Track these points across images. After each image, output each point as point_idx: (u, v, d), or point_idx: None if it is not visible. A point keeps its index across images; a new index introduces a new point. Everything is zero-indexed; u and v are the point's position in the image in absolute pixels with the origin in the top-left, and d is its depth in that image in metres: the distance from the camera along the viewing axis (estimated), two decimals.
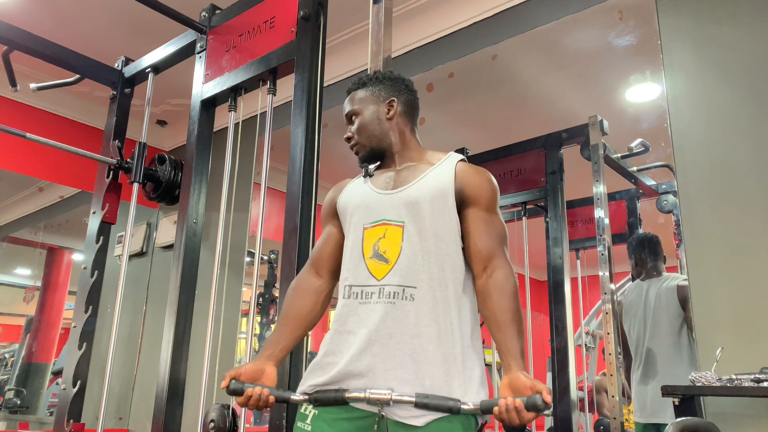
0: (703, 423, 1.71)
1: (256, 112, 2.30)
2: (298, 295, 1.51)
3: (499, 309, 1.32)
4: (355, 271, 1.41)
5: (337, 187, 1.61)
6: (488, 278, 1.36)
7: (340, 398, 1.31)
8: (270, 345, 1.43)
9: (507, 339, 1.29)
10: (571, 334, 2.78)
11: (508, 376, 1.25)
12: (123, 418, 4.11)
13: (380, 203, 1.45)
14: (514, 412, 1.17)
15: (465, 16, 2.89)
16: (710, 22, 2.14)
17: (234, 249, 2.34)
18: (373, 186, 1.50)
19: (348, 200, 1.52)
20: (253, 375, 1.36)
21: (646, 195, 3.00)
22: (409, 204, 1.41)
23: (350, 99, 1.59)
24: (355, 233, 1.45)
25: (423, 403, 1.24)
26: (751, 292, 1.89)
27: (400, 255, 1.37)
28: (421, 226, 1.39)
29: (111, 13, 3.35)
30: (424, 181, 1.45)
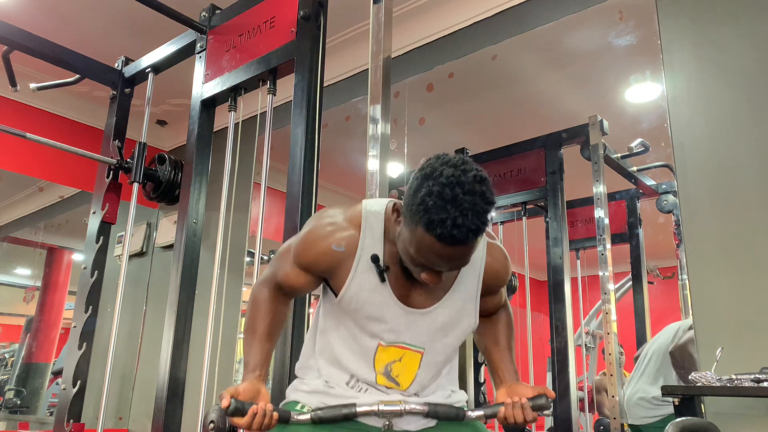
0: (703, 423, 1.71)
1: (256, 112, 2.31)
2: (272, 313, 1.35)
3: (503, 336, 1.42)
4: (362, 370, 1.29)
5: (332, 244, 1.26)
6: (495, 315, 1.45)
7: (350, 415, 1.24)
8: (257, 365, 1.29)
9: (506, 359, 1.39)
10: (571, 334, 2.78)
11: (506, 385, 1.35)
12: (123, 418, 4.11)
13: (402, 321, 1.26)
14: (520, 409, 1.24)
15: (465, 16, 2.89)
16: (710, 22, 2.14)
17: (234, 249, 2.34)
18: (392, 293, 1.25)
19: (358, 299, 1.26)
20: (251, 394, 1.23)
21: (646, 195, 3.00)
22: (434, 331, 1.28)
23: (466, 254, 1.12)
24: (367, 340, 1.28)
25: (434, 412, 1.27)
26: (751, 293, 1.89)
27: (413, 381, 1.29)
28: (439, 352, 1.31)
29: (111, 13, 3.35)
30: (452, 299, 1.28)
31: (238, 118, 2.41)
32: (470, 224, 1.05)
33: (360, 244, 1.25)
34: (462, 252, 1.09)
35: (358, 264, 1.25)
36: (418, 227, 1.08)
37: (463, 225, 1.04)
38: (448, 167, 1.08)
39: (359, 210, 1.29)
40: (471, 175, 1.09)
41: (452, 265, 1.14)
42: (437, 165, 1.10)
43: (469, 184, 1.07)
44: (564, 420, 2.68)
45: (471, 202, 1.06)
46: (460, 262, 1.13)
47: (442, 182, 1.06)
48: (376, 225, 1.26)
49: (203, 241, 2.44)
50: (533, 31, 2.68)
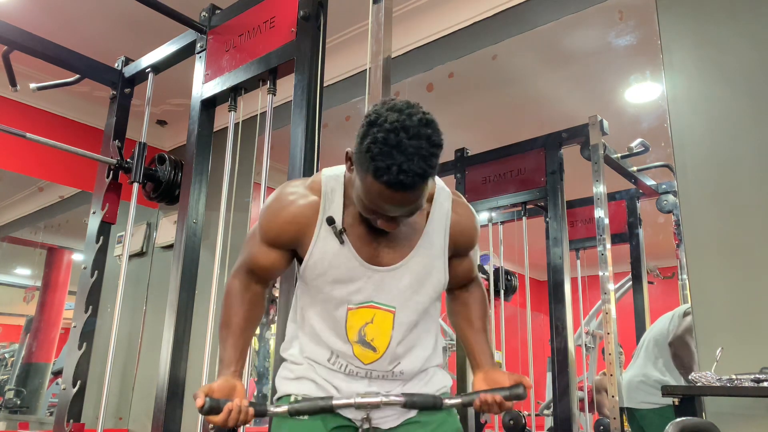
0: (703, 423, 1.71)
1: (256, 112, 2.31)
2: (246, 305, 1.34)
3: (477, 316, 1.41)
4: (339, 344, 1.28)
5: (294, 212, 1.27)
6: (467, 291, 1.45)
7: (327, 407, 1.22)
8: (232, 361, 1.28)
9: (482, 341, 1.39)
10: (571, 334, 2.78)
11: (482, 371, 1.35)
12: (123, 418, 4.11)
13: (368, 281, 1.26)
14: (495, 406, 1.24)
15: (465, 16, 2.89)
16: (710, 22, 2.14)
17: (234, 249, 2.34)
18: (356, 253, 1.25)
19: (323, 263, 1.25)
20: (226, 391, 1.22)
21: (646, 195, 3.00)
22: (404, 288, 1.27)
23: (415, 198, 1.11)
24: (336, 308, 1.28)
25: (411, 402, 1.26)
26: (751, 292, 1.89)
27: (389, 344, 1.27)
28: (412, 311, 1.29)
29: (111, 13, 3.35)
30: (420, 254, 1.28)
31: (238, 118, 2.41)
32: (416, 168, 1.04)
33: (321, 209, 1.26)
34: (411, 197, 1.09)
35: (320, 228, 1.25)
36: (367, 175, 1.08)
37: (409, 170, 1.04)
38: (393, 112, 1.07)
39: (319, 177, 1.30)
40: (416, 119, 1.07)
41: (404, 210, 1.13)
42: (382, 111, 1.08)
43: (414, 128, 1.06)
44: (564, 420, 2.68)
45: (416, 146, 1.05)
46: (412, 207, 1.12)
47: (387, 128, 1.05)
48: (336, 188, 1.27)
49: (203, 241, 2.44)
50: (533, 31, 2.68)
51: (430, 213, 1.30)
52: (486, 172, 3.22)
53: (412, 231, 1.28)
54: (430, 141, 1.07)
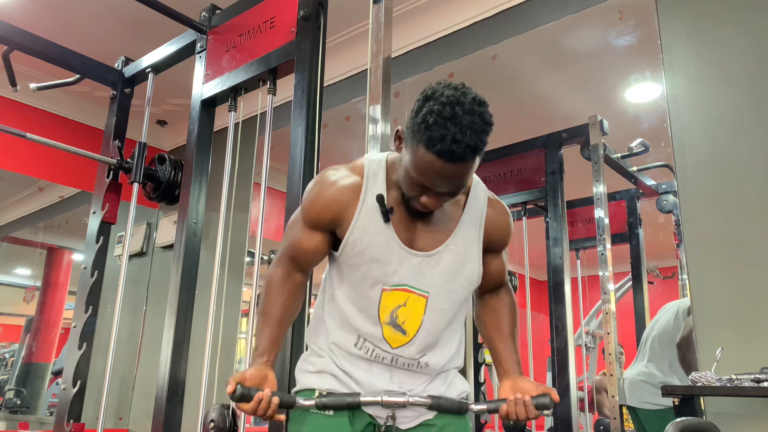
0: (703, 423, 1.71)
1: (256, 112, 2.31)
2: (286, 295, 1.36)
3: (506, 323, 1.42)
4: (368, 326, 1.30)
5: (336, 192, 1.31)
6: (497, 297, 1.46)
7: (354, 403, 1.25)
8: (265, 350, 1.30)
9: (509, 349, 1.39)
10: (571, 334, 2.78)
11: (510, 379, 1.34)
12: (123, 418, 4.11)
13: (405, 264, 1.28)
14: (522, 406, 1.24)
15: (465, 16, 2.89)
16: (710, 22, 2.14)
17: (234, 249, 2.34)
18: (396, 235, 1.28)
19: (362, 241, 1.28)
20: (258, 380, 1.24)
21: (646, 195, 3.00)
22: (438, 275, 1.30)
23: (464, 173, 1.15)
24: (371, 288, 1.30)
25: (437, 404, 1.28)
26: (751, 292, 1.89)
27: (419, 329, 1.29)
28: (445, 298, 1.31)
29: (111, 13, 3.35)
30: (455, 243, 1.31)
31: (238, 118, 2.41)
32: (469, 141, 1.10)
33: (364, 188, 1.29)
34: (460, 171, 1.14)
35: (362, 207, 1.28)
36: (419, 146, 1.13)
37: (461, 141, 1.09)
38: (449, 89, 1.14)
39: (361, 161, 1.35)
40: (471, 96, 1.13)
41: (451, 185, 1.17)
42: (438, 87, 1.15)
43: (469, 104, 1.12)
44: (564, 420, 2.68)
45: (470, 120, 1.10)
46: (458, 182, 1.17)
47: (443, 101, 1.11)
48: (379, 171, 1.31)
49: (203, 241, 2.44)
50: (533, 31, 2.68)
51: (466, 204, 1.34)
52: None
53: (448, 219, 1.32)
54: (483, 118, 1.13)
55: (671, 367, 2.57)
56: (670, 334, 2.63)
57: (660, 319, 2.74)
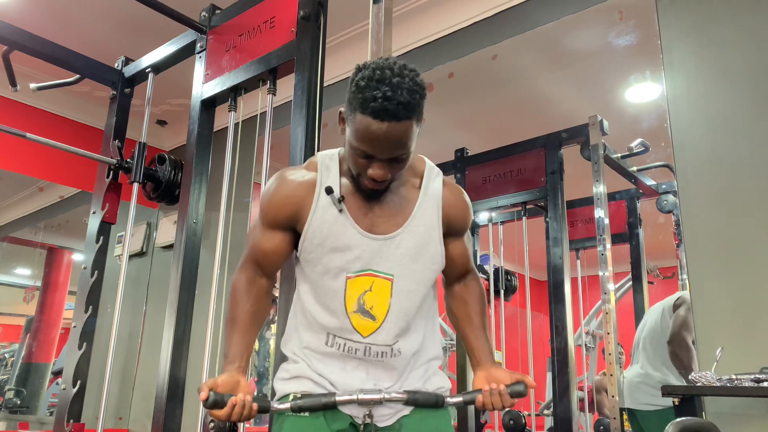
0: (703, 423, 1.71)
1: (256, 112, 2.30)
2: (252, 300, 1.36)
3: (476, 313, 1.43)
4: (335, 321, 1.30)
5: (291, 187, 1.33)
6: (465, 286, 1.46)
7: (330, 403, 1.25)
8: (236, 356, 1.30)
9: (481, 339, 1.40)
10: (571, 334, 2.78)
11: (483, 369, 1.35)
12: (123, 418, 4.11)
13: (366, 249, 1.29)
14: (498, 396, 1.26)
15: (465, 16, 2.89)
16: (710, 22, 2.14)
17: (234, 249, 2.34)
18: (354, 222, 1.29)
19: (321, 233, 1.29)
20: (230, 386, 1.24)
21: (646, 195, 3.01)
22: (401, 256, 1.30)
23: (401, 134, 1.17)
24: (334, 279, 1.30)
25: (413, 399, 1.28)
26: (751, 292, 1.89)
27: (388, 313, 1.29)
28: (410, 280, 1.31)
29: (111, 13, 3.35)
30: (415, 224, 1.32)
31: (238, 118, 2.41)
32: (400, 98, 1.14)
33: (318, 182, 1.32)
34: (396, 131, 1.16)
35: (318, 199, 1.30)
36: (356, 113, 1.18)
37: (392, 98, 1.13)
38: (378, 60, 1.21)
39: (315, 157, 1.38)
40: (399, 63, 1.19)
41: (391, 147, 1.19)
42: (368, 61, 1.23)
43: (398, 68, 1.17)
44: (564, 420, 2.68)
45: (399, 81, 1.15)
46: (397, 143, 1.18)
47: (373, 67, 1.18)
48: (331, 164, 1.34)
49: (203, 241, 2.44)
50: (533, 31, 2.68)
51: (421, 188, 1.35)
52: (486, 172, 3.22)
53: (406, 203, 1.33)
54: (413, 80, 1.17)
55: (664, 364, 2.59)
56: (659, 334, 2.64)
57: (648, 320, 2.76)
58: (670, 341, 2.57)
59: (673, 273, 2.77)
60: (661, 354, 2.62)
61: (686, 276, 2.06)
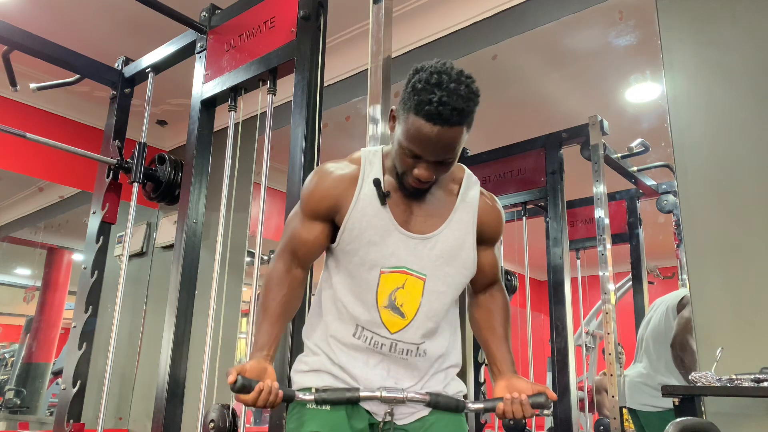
0: (703, 423, 1.71)
1: (256, 112, 2.30)
2: (286, 290, 1.38)
3: (499, 323, 1.44)
4: (366, 314, 1.31)
5: (334, 179, 1.35)
6: (491, 296, 1.47)
7: (353, 399, 1.27)
8: (264, 345, 1.32)
9: (504, 349, 1.41)
10: (571, 334, 2.78)
11: (505, 379, 1.36)
12: (123, 418, 4.11)
13: (403, 246, 1.31)
14: (519, 405, 1.27)
15: (465, 16, 2.89)
16: (710, 22, 2.14)
17: (234, 249, 2.34)
18: (393, 218, 1.31)
19: (360, 225, 1.31)
20: (257, 373, 1.25)
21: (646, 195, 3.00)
22: (435, 257, 1.32)
23: (451, 139, 1.20)
24: (369, 272, 1.32)
25: (435, 402, 1.29)
26: (751, 292, 1.89)
27: (417, 312, 1.31)
28: (441, 282, 1.33)
29: (111, 13, 3.35)
30: (451, 228, 1.34)
31: (238, 118, 2.41)
32: (455, 103, 1.16)
33: (361, 175, 1.34)
34: (448, 135, 1.18)
35: (360, 192, 1.32)
36: (410, 114, 1.19)
37: (448, 103, 1.15)
38: (436, 63, 1.22)
39: (358, 153, 1.40)
40: (457, 70, 1.21)
41: (440, 150, 1.21)
42: (427, 62, 1.23)
43: (456, 74, 1.19)
44: (564, 420, 2.68)
45: (456, 87, 1.17)
46: (447, 148, 1.21)
47: (430, 71, 1.19)
48: (375, 160, 1.36)
49: (203, 241, 2.44)
50: (533, 31, 2.68)
51: (459, 193, 1.37)
52: (486, 172, 3.22)
53: (443, 205, 1.35)
54: (469, 87, 1.19)
55: (667, 367, 2.58)
56: (663, 334, 2.63)
57: (652, 317, 2.75)
58: (673, 345, 2.57)
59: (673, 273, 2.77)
60: (664, 356, 2.61)
61: (686, 276, 2.06)
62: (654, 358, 2.65)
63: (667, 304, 2.68)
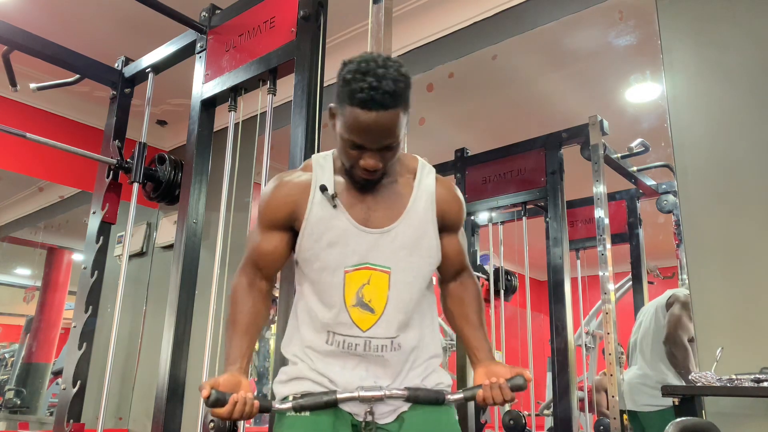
0: (703, 423, 1.71)
1: (256, 112, 2.30)
2: (251, 302, 1.37)
3: (473, 311, 1.44)
4: (335, 317, 1.31)
5: (288, 187, 1.37)
6: (461, 285, 1.47)
7: (331, 402, 1.26)
8: (237, 358, 1.31)
9: (480, 337, 1.41)
10: (571, 334, 2.78)
11: (483, 366, 1.36)
12: (123, 418, 4.11)
13: (363, 243, 1.31)
14: (498, 389, 1.27)
15: (465, 16, 2.89)
16: (710, 22, 2.14)
17: (234, 249, 2.34)
18: (350, 217, 1.32)
19: (318, 229, 1.32)
20: (231, 386, 1.25)
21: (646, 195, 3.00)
22: (397, 249, 1.32)
23: (388, 123, 1.21)
24: (332, 274, 1.31)
25: (414, 396, 1.29)
26: (751, 292, 1.89)
27: (386, 305, 1.30)
28: (407, 272, 1.33)
29: (111, 13, 3.35)
30: (410, 218, 1.34)
31: (238, 118, 2.41)
32: (386, 87, 1.18)
33: (313, 181, 1.35)
34: (385, 119, 1.19)
35: (314, 197, 1.34)
36: (345, 106, 1.22)
37: (379, 88, 1.17)
38: (363, 54, 1.26)
39: (309, 160, 1.42)
40: (384, 56, 1.24)
41: (380, 136, 1.22)
42: (353, 57, 1.26)
43: (382, 60, 1.22)
44: (564, 420, 2.68)
45: (384, 72, 1.19)
46: (386, 132, 1.22)
47: (358, 61, 1.23)
48: (325, 164, 1.38)
49: (203, 241, 2.44)
50: (533, 31, 2.68)
51: (415, 184, 1.38)
52: (486, 172, 3.22)
53: (399, 198, 1.36)
54: (397, 70, 1.21)
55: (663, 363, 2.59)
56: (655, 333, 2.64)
57: (642, 321, 2.76)
58: (666, 341, 2.58)
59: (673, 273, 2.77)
60: (658, 353, 2.62)
61: (686, 276, 2.07)
62: (649, 358, 2.66)
63: (656, 305, 2.70)
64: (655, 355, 2.63)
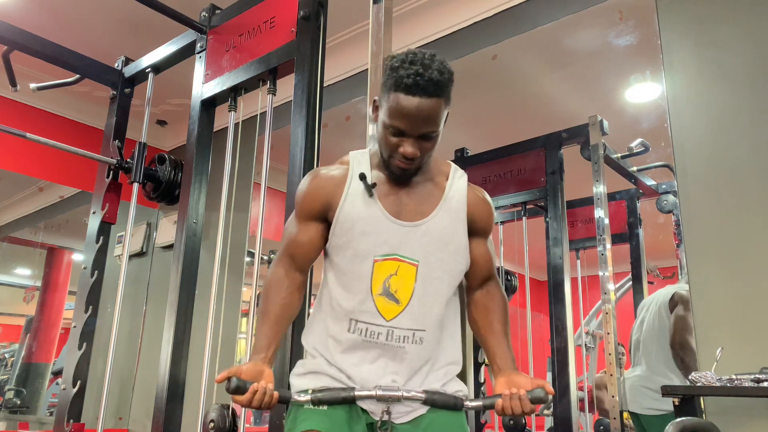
0: (703, 423, 1.71)
1: (256, 112, 2.31)
2: (284, 293, 1.40)
3: (498, 321, 1.45)
4: (360, 305, 1.33)
5: (324, 179, 1.41)
6: (487, 293, 1.48)
7: (349, 398, 1.27)
8: (263, 348, 1.33)
9: (503, 346, 1.41)
10: (571, 334, 2.78)
11: (505, 375, 1.36)
12: (123, 418, 4.11)
13: (394, 234, 1.34)
14: (518, 401, 1.27)
15: (465, 16, 2.89)
16: (710, 22, 2.14)
17: (234, 249, 2.34)
18: (383, 208, 1.35)
19: (351, 217, 1.35)
20: (253, 375, 1.26)
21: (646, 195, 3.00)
22: (426, 243, 1.35)
23: (430, 110, 1.26)
24: (362, 263, 1.34)
25: (431, 399, 1.29)
26: (751, 292, 1.89)
27: (412, 297, 1.33)
28: (435, 267, 1.35)
29: (111, 13, 3.35)
30: (441, 216, 1.37)
31: (238, 118, 2.41)
32: (431, 74, 1.24)
33: (350, 173, 1.39)
34: (428, 106, 1.25)
35: (349, 187, 1.38)
36: (390, 93, 1.27)
37: (424, 75, 1.24)
38: (408, 50, 1.32)
39: (347, 156, 1.46)
40: (430, 52, 1.30)
41: (422, 123, 1.26)
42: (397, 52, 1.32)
43: (429, 55, 1.29)
44: (564, 420, 2.68)
45: (430, 62, 1.26)
46: (428, 119, 1.27)
47: (405, 53, 1.29)
48: (362, 159, 1.42)
49: (203, 241, 2.44)
50: (533, 31, 2.68)
51: (447, 185, 1.42)
52: (486, 172, 3.22)
53: (431, 195, 1.39)
54: (442, 63, 1.28)
55: (667, 366, 2.57)
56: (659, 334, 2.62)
57: (645, 318, 2.73)
58: (673, 345, 2.56)
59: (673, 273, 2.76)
60: (663, 356, 2.60)
61: (686, 276, 2.06)
62: (653, 360, 2.64)
63: (658, 303, 2.67)
64: (660, 358, 2.61)
